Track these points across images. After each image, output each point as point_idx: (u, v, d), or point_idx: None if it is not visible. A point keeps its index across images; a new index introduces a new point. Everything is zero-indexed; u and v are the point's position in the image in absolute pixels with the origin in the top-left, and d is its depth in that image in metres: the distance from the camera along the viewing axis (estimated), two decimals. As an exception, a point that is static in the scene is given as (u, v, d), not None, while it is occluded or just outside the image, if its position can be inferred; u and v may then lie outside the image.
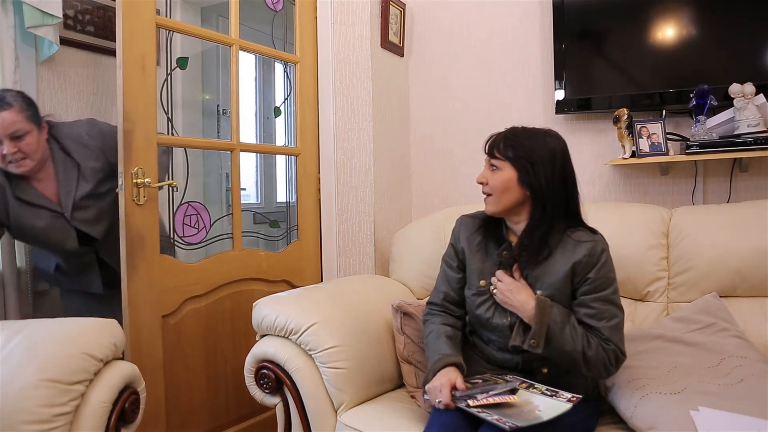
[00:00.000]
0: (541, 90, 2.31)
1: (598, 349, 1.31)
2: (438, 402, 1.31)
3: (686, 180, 2.09)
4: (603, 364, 1.32)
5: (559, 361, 1.35)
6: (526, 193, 1.38)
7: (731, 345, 1.47)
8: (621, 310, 1.36)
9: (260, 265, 2.17)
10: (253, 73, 3.82)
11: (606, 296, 1.34)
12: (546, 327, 1.30)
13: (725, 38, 1.95)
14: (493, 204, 1.40)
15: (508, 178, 1.37)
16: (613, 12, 2.09)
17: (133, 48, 1.71)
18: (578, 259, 1.34)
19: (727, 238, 1.65)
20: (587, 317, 1.34)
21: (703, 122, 1.91)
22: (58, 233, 1.79)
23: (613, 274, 1.37)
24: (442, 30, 2.50)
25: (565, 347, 1.30)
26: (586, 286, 1.35)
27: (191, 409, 1.92)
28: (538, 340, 1.30)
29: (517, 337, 1.36)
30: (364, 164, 2.24)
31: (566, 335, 1.30)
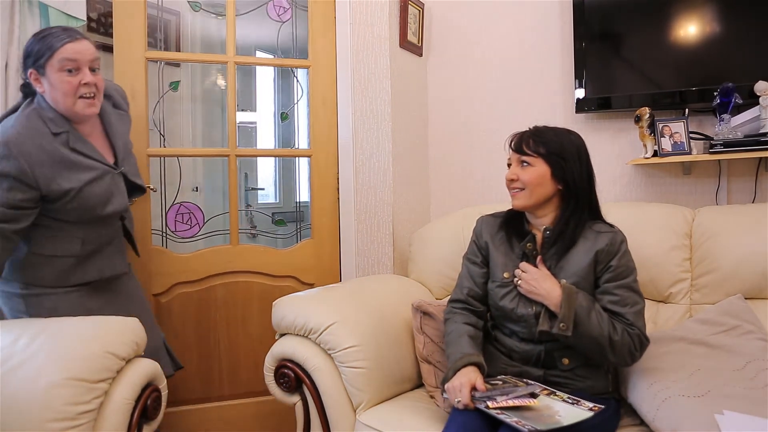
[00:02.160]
0: (560, 89, 2.29)
1: (623, 334, 1.35)
2: (457, 402, 1.32)
3: (710, 180, 2.06)
4: (628, 349, 1.35)
5: (586, 348, 1.37)
6: (557, 188, 1.44)
7: (757, 348, 1.44)
8: (642, 297, 1.42)
9: (259, 260, 2.27)
10: (272, 81, 3.89)
11: (628, 283, 1.40)
12: (574, 311, 1.34)
13: (749, 35, 1.91)
14: (526, 198, 1.44)
15: (542, 173, 1.42)
16: (633, 10, 2.06)
17: (125, 81, 2.02)
18: (601, 247, 1.40)
19: (753, 238, 1.62)
20: (611, 304, 1.38)
21: (728, 121, 1.88)
22: (108, 188, 1.57)
23: (633, 263, 1.43)
24: (460, 29, 2.50)
25: (592, 332, 1.33)
26: (609, 274, 1.40)
27: (183, 377, 2.07)
28: (567, 323, 1.33)
29: (545, 323, 1.38)
30: (383, 164, 2.25)
31: (593, 320, 1.34)
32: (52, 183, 1.45)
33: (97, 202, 1.54)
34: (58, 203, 1.48)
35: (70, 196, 1.48)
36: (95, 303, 1.61)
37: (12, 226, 1.43)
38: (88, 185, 1.51)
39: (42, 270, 1.55)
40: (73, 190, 1.48)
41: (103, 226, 1.62)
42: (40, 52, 1.45)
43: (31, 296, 1.55)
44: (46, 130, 1.46)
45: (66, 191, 1.47)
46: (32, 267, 1.54)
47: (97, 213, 1.54)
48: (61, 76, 1.46)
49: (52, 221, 1.53)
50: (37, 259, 1.54)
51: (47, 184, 1.44)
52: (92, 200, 1.52)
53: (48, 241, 1.54)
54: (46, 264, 1.55)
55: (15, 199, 1.42)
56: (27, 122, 1.46)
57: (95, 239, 1.60)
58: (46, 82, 1.48)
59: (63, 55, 1.45)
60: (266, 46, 4.13)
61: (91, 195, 1.52)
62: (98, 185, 1.54)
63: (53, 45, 1.44)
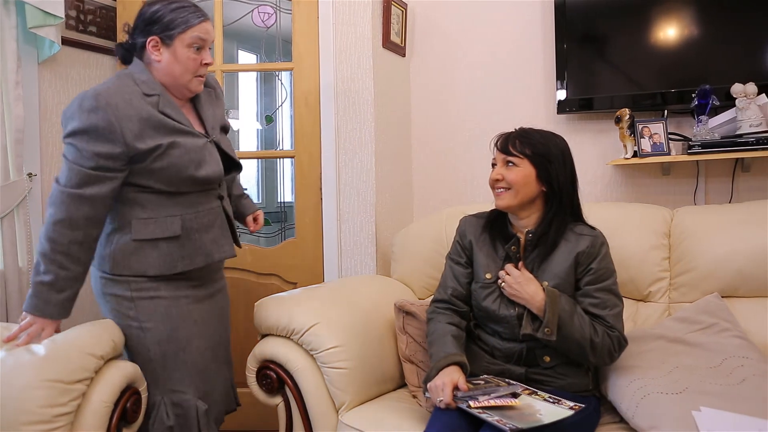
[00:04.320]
0: (543, 90, 2.31)
1: (603, 336, 1.37)
2: (439, 401, 1.32)
3: (688, 180, 2.09)
4: (608, 350, 1.38)
5: (567, 350, 1.39)
6: (541, 189, 1.45)
7: (733, 345, 1.47)
8: (621, 299, 1.45)
9: (244, 258, 2.29)
10: (254, 86, 3.91)
11: (608, 286, 1.42)
12: (557, 315, 1.35)
13: (727, 38, 1.95)
14: (511, 198, 1.44)
15: (527, 174, 1.43)
16: (614, 12, 2.09)
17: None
18: (581, 250, 1.42)
19: (729, 238, 1.64)
20: (592, 306, 1.40)
21: (705, 122, 1.91)
22: (199, 151, 1.47)
23: (613, 265, 1.45)
24: (443, 30, 2.50)
25: (574, 335, 1.36)
26: (590, 276, 1.42)
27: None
28: (552, 328, 1.35)
29: (528, 326, 1.40)
30: (366, 164, 2.24)
31: (575, 323, 1.36)
32: (138, 140, 1.38)
33: (188, 161, 1.44)
34: (148, 161, 1.40)
35: (158, 151, 1.40)
36: (199, 314, 1.55)
37: (94, 190, 1.36)
38: (177, 143, 1.43)
39: (148, 257, 1.46)
40: (161, 146, 1.40)
41: (199, 200, 1.50)
42: (173, 23, 1.42)
43: (142, 299, 1.47)
44: (137, 89, 1.42)
45: (153, 147, 1.40)
46: (137, 255, 1.45)
47: (190, 174, 1.44)
48: (188, 52, 1.44)
49: (146, 196, 1.45)
50: (140, 245, 1.46)
51: (133, 139, 1.37)
52: (183, 159, 1.44)
53: (147, 225, 1.46)
54: (151, 249, 1.46)
55: (101, 154, 1.35)
56: (117, 81, 1.43)
57: (194, 218, 1.49)
58: (167, 54, 1.44)
59: (197, 33, 1.43)
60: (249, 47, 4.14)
61: (181, 153, 1.43)
62: (187, 144, 1.45)
63: (189, 20, 1.43)
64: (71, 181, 1.35)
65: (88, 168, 1.35)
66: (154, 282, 1.48)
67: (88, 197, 1.36)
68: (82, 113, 1.35)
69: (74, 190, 1.35)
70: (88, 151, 1.35)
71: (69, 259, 1.36)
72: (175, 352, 1.49)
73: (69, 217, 1.34)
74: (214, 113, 1.61)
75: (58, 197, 1.36)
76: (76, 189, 1.35)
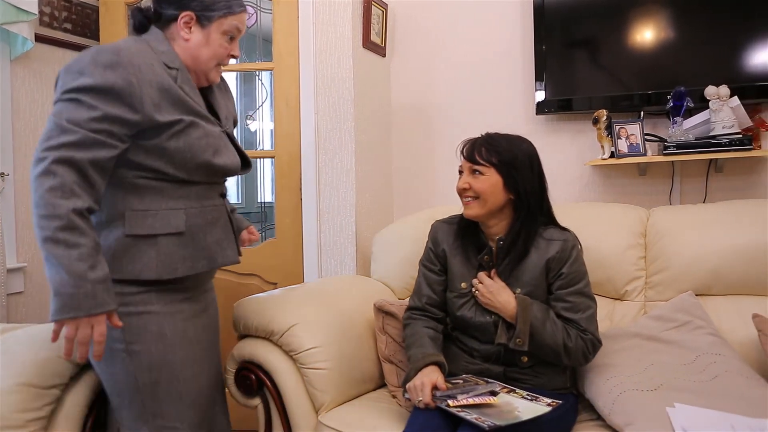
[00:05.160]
0: (522, 91, 2.33)
1: (577, 339, 1.39)
2: (418, 401, 1.32)
3: (664, 180, 2.13)
4: (582, 353, 1.40)
5: (541, 354, 1.41)
6: (509, 197, 1.43)
7: (706, 342, 1.49)
8: (594, 301, 1.45)
9: None
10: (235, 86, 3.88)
11: (580, 289, 1.43)
12: (529, 324, 1.36)
13: (702, 42, 1.98)
14: (479, 207, 1.43)
15: (494, 183, 1.42)
16: (593, 14, 2.12)
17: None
18: (552, 255, 1.42)
19: (703, 237, 1.67)
20: (564, 310, 1.41)
21: (680, 123, 1.94)
22: (217, 138, 1.32)
23: (584, 267, 1.46)
24: (423, 31, 2.51)
25: (547, 341, 1.37)
26: (561, 281, 1.42)
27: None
28: (523, 338, 1.37)
29: (502, 335, 1.41)
30: (346, 164, 2.24)
31: (548, 330, 1.37)
32: (157, 110, 1.20)
33: (206, 146, 1.28)
34: (162, 137, 1.22)
35: (177, 128, 1.23)
36: (194, 332, 1.34)
37: (89, 154, 1.13)
38: (197, 123, 1.27)
39: (143, 256, 1.23)
40: (182, 122, 1.24)
41: (205, 194, 1.33)
42: (215, 5, 1.31)
43: (130, 315, 1.23)
44: (156, 57, 1.25)
45: (172, 122, 1.22)
46: (130, 254, 1.22)
47: (207, 160, 1.28)
48: (221, 39, 1.32)
49: (147, 183, 1.24)
50: (134, 242, 1.23)
51: (152, 109, 1.19)
52: (202, 142, 1.27)
53: (145, 218, 1.24)
54: (148, 247, 1.24)
55: (112, 117, 1.15)
56: (135, 43, 1.26)
57: (199, 213, 1.30)
58: (200, 34, 1.31)
59: (236, 22, 1.34)
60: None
61: (200, 135, 1.27)
62: (207, 128, 1.30)
63: (233, 7, 1.33)
64: (62, 140, 1.11)
65: (90, 130, 1.13)
66: (145, 293, 1.25)
67: (82, 165, 1.12)
68: (97, 68, 1.14)
69: (65, 152, 1.10)
70: (99, 111, 1.13)
71: (75, 233, 1.10)
72: (168, 380, 1.27)
73: (62, 183, 1.10)
74: (227, 105, 1.48)
75: (44, 164, 1.10)
76: (68, 151, 1.11)
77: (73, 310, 1.08)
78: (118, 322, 1.16)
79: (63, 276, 1.07)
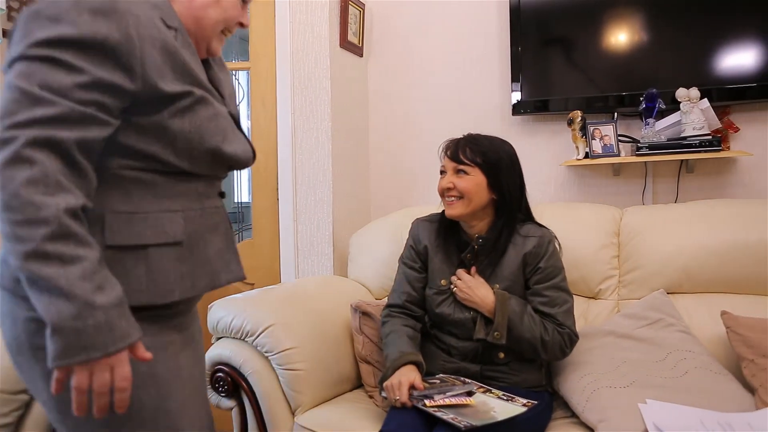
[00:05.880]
0: (498, 91, 2.34)
1: (554, 333, 1.40)
2: (395, 400, 1.32)
3: (637, 180, 2.16)
4: (560, 346, 1.41)
5: (520, 349, 1.42)
6: (492, 197, 1.45)
7: (677, 339, 1.52)
8: (570, 295, 1.48)
9: None
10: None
11: (556, 284, 1.45)
12: (507, 319, 1.38)
13: (674, 45, 2.02)
14: (463, 207, 1.44)
15: (479, 182, 1.43)
16: (568, 16, 2.14)
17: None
18: (528, 250, 1.44)
19: (674, 237, 1.70)
20: (542, 305, 1.43)
21: (653, 125, 1.98)
22: (225, 122, 1.03)
23: (561, 263, 1.48)
24: (401, 31, 2.51)
25: (525, 335, 1.38)
26: (538, 275, 1.44)
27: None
28: (501, 331, 1.38)
29: (481, 330, 1.42)
30: (323, 164, 2.23)
31: (525, 324, 1.39)
32: (160, 77, 0.90)
33: (216, 129, 0.99)
34: (165, 114, 0.92)
35: (185, 102, 0.94)
36: (188, 367, 1.03)
37: (76, 133, 0.81)
38: (207, 100, 0.99)
39: (130, 276, 0.91)
40: (192, 96, 0.95)
41: (206, 192, 1.03)
42: None
43: None
44: (155, 10, 0.94)
45: (180, 93, 0.93)
46: (113, 273, 0.86)
47: (216, 146, 0.99)
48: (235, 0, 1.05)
49: (136, 176, 0.93)
50: (117, 256, 0.90)
51: (156, 75, 0.89)
52: (211, 124, 0.98)
53: (132, 223, 0.92)
54: (135, 262, 0.92)
55: (103, 84, 0.83)
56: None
57: (200, 217, 1.01)
58: None
59: None
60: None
61: (210, 115, 0.99)
62: (215, 108, 1.01)
63: None
64: (36, 114, 0.79)
65: (76, 101, 0.81)
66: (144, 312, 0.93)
67: (62, 143, 0.80)
68: (81, 14, 0.82)
69: (42, 130, 0.78)
70: (86, 75, 0.82)
71: (72, 242, 0.79)
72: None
73: (44, 173, 0.78)
74: (231, 84, 1.19)
75: (13, 147, 0.77)
76: (46, 129, 0.79)
77: (83, 351, 0.77)
78: (147, 354, 0.85)
79: (62, 305, 0.76)
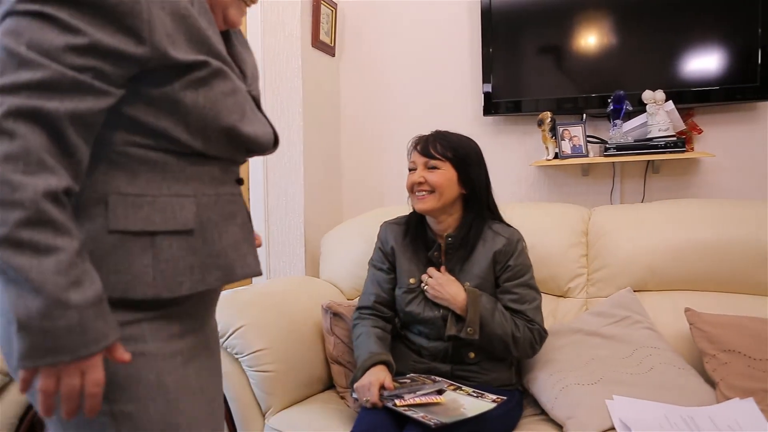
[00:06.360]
0: (469, 92, 2.36)
1: (524, 330, 1.42)
2: (366, 400, 1.32)
3: (605, 181, 2.20)
4: (530, 343, 1.43)
5: (491, 346, 1.42)
6: (461, 192, 1.47)
7: (643, 336, 1.55)
8: (539, 293, 1.51)
9: None
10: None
11: (525, 281, 1.48)
12: (479, 314, 1.39)
13: (640, 48, 2.06)
14: (435, 201, 1.45)
15: (449, 177, 1.45)
16: (539, 19, 2.17)
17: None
18: (498, 248, 1.46)
19: (640, 236, 1.74)
20: (512, 302, 1.45)
21: (620, 126, 2.01)
22: (244, 100, 0.92)
23: (529, 261, 1.51)
24: (373, 31, 2.51)
25: (496, 331, 1.39)
26: (508, 273, 1.46)
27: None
28: (474, 327, 1.39)
29: (452, 327, 1.42)
30: (294, 164, 2.21)
31: (497, 321, 1.40)
32: (171, 44, 0.79)
33: (234, 105, 0.88)
34: (176, 85, 0.81)
35: (200, 73, 0.82)
36: (198, 378, 0.90)
37: (68, 104, 0.70)
38: (225, 73, 0.87)
39: (134, 264, 0.80)
40: (207, 66, 0.83)
41: (222, 177, 0.92)
42: None
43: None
44: None
45: (194, 63, 0.82)
46: (115, 260, 0.79)
47: (233, 124, 0.87)
48: None
49: (144, 155, 0.82)
50: (121, 241, 0.80)
51: (164, 42, 0.77)
52: (229, 100, 0.87)
53: (138, 207, 0.81)
54: (141, 250, 0.80)
55: (103, 48, 0.72)
56: None
57: (213, 203, 0.90)
58: None
59: None
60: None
61: (228, 90, 0.87)
62: (234, 83, 0.89)
63: None
64: (21, 79, 0.68)
65: (69, 66, 0.70)
66: (135, 323, 0.81)
67: (49, 115, 0.69)
68: None
69: (28, 99, 0.68)
70: (84, 37, 0.71)
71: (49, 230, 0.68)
72: None
73: (25, 149, 0.67)
74: (254, 65, 1.08)
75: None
76: (32, 97, 0.68)
77: (50, 354, 0.67)
78: (125, 356, 0.75)
79: (31, 301, 0.66)
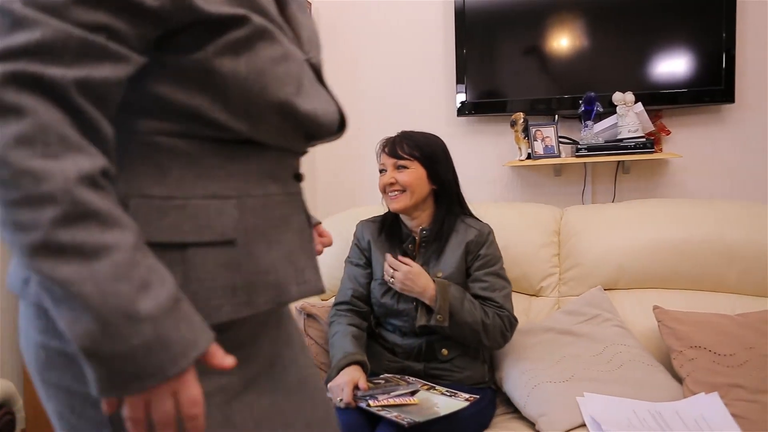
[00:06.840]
0: (444, 93, 2.37)
1: (494, 317, 1.44)
2: (339, 400, 1.31)
3: (577, 181, 2.23)
4: (500, 330, 1.45)
5: (462, 336, 1.44)
6: (432, 188, 1.51)
7: (613, 333, 1.58)
8: (509, 283, 1.54)
9: None
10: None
11: (496, 270, 1.51)
12: (448, 303, 1.40)
13: (611, 50, 2.10)
14: (407, 200, 1.48)
15: (419, 175, 1.49)
16: (512, 20, 2.19)
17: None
18: (470, 239, 1.50)
19: (610, 235, 1.77)
20: (482, 290, 1.48)
21: (591, 127, 2.04)
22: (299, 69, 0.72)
23: (499, 252, 1.56)
24: (347, 31, 2.50)
25: (466, 319, 1.41)
26: (479, 262, 1.50)
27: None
28: (443, 314, 1.40)
29: (423, 317, 1.44)
30: (269, 164, 2.19)
31: (466, 309, 1.41)
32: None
33: (285, 75, 0.69)
34: (209, 49, 0.62)
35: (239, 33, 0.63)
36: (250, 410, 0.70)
37: (77, 71, 0.54)
38: (271, 33, 0.67)
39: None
40: (247, 23, 0.64)
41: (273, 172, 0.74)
42: None
43: None
44: None
45: (232, 17, 0.63)
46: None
47: (286, 98, 0.68)
48: None
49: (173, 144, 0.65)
50: None
51: None
52: (279, 68, 0.68)
53: (165, 211, 0.64)
54: (172, 267, 0.61)
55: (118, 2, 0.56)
56: None
57: (261, 207, 0.71)
58: None
59: None
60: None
61: (276, 55, 0.68)
62: (284, 46, 0.70)
63: None
64: (19, 40, 0.52)
65: (76, 23, 0.54)
66: None
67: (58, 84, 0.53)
68: None
69: (28, 64, 0.52)
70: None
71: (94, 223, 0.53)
72: None
73: (39, 126, 0.52)
74: (313, 29, 0.88)
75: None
76: (33, 62, 0.52)
77: (134, 380, 0.54)
78: (226, 360, 0.60)
79: (91, 323, 0.52)
